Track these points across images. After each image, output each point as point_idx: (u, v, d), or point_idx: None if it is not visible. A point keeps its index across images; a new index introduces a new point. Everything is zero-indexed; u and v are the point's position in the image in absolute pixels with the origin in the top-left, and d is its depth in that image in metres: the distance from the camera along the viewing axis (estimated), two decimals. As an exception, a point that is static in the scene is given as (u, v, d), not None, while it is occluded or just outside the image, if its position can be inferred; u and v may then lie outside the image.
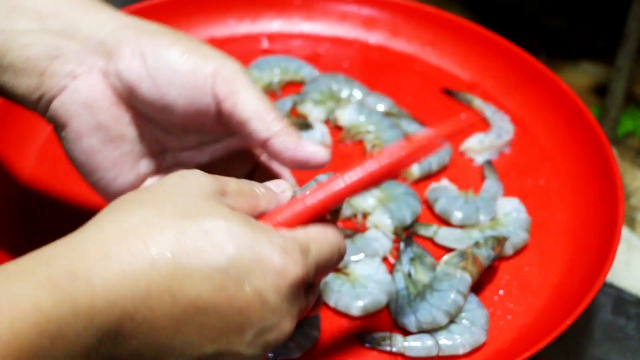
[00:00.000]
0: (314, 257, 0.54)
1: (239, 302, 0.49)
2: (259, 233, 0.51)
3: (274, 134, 0.59)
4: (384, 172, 0.56)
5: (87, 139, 0.62)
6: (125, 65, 0.59)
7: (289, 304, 0.52)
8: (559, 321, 0.71)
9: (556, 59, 1.21)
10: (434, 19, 1.00)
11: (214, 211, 0.50)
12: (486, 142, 0.90)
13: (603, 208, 0.82)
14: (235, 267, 0.49)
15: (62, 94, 0.61)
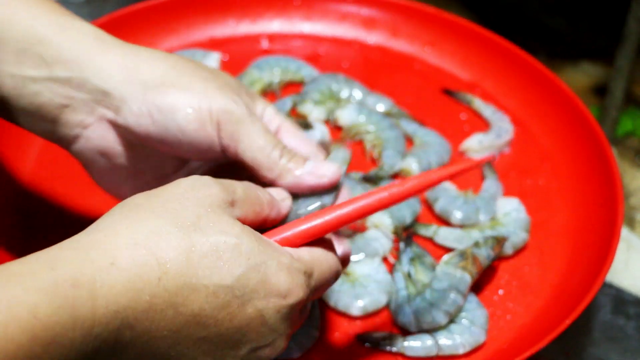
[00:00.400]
0: (316, 280, 0.56)
1: (240, 320, 0.50)
2: (267, 253, 0.52)
3: (276, 177, 0.62)
4: (392, 200, 0.59)
5: (109, 177, 0.65)
6: (134, 122, 0.61)
7: (287, 325, 0.53)
8: (558, 321, 0.71)
9: (556, 59, 1.21)
10: (434, 19, 1.00)
11: (225, 227, 0.51)
12: (486, 142, 0.90)
13: (603, 208, 0.82)
14: (241, 286, 0.50)
15: (77, 142, 0.64)
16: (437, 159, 0.88)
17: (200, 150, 0.62)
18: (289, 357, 0.71)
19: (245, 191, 0.55)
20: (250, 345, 0.52)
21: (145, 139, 0.62)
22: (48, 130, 0.63)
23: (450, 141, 0.90)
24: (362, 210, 0.58)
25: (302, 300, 0.54)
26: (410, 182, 0.59)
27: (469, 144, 0.90)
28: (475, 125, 0.94)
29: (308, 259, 0.55)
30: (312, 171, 0.62)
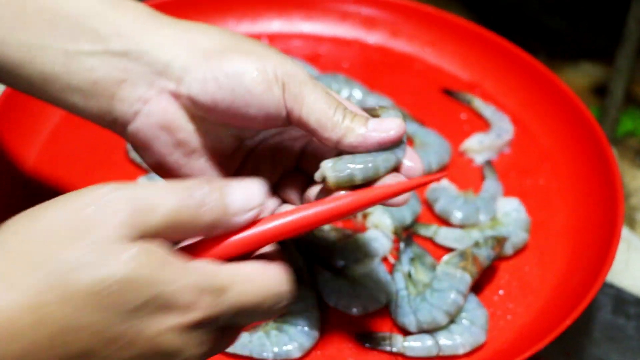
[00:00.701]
0: (233, 300, 0.48)
1: (138, 348, 0.46)
2: (166, 276, 0.46)
3: (340, 137, 0.59)
4: (342, 212, 0.53)
5: (170, 156, 0.62)
6: (198, 90, 0.59)
7: (195, 344, 0.48)
8: (559, 321, 0.71)
9: (556, 59, 1.21)
10: (434, 19, 1.00)
11: (112, 258, 0.45)
12: (486, 142, 0.90)
13: (603, 208, 0.82)
14: (133, 316, 0.45)
15: (136, 119, 0.61)
16: (437, 159, 0.88)
17: (267, 115, 0.59)
18: (288, 357, 0.71)
19: (175, 210, 0.47)
20: None
21: (211, 107, 0.59)
22: (104, 109, 0.60)
23: (450, 141, 0.90)
24: (303, 222, 0.51)
25: (210, 318, 0.47)
26: (356, 195, 0.55)
27: (469, 144, 0.90)
28: (475, 125, 0.94)
29: (226, 274, 0.48)
30: (377, 127, 0.60)
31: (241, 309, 0.49)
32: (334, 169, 0.58)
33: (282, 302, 0.51)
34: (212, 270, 0.48)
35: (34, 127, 0.87)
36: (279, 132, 0.65)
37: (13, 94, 0.86)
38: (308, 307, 0.74)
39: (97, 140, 0.89)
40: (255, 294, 0.49)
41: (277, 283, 0.50)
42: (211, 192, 0.48)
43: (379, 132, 0.59)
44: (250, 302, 0.49)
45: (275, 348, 0.71)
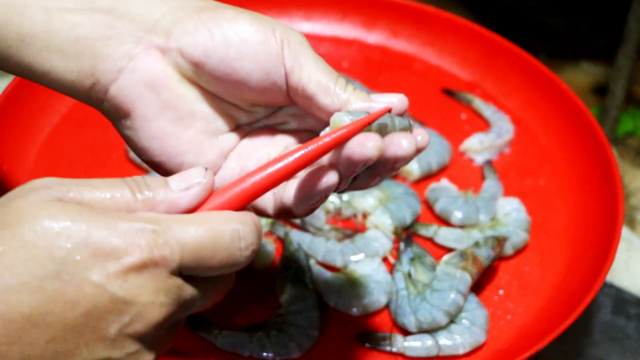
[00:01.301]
0: (177, 238, 0.47)
1: (83, 304, 0.45)
2: (96, 222, 0.45)
3: (343, 103, 0.56)
4: (303, 161, 0.51)
5: (155, 121, 0.57)
6: (189, 41, 0.56)
7: (144, 290, 0.46)
8: (559, 321, 0.71)
9: (556, 59, 1.21)
10: (434, 19, 1.00)
11: (35, 213, 0.45)
12: (486, 142, 0.90)
13: (603, 208, 0.82)
14: (69, 268, 0.45)
15: (120, 77, 0.56)
16: (437, 159, 0.88)
17: (264, 72, 0.56)
18: (289, 357, 0.71)
19: (103, 197, 0.48)
20: (114, 327, 0.46)
21: (202, 60, 0.56)
22: (85, 70, 0.56)
23: (450, 141, 0.90)
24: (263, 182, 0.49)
25: (150, 259, 0.46)
26: (308, 146, 0.51)
27: (469, 144, 0.90)
28: (475, 125, 0.94)
29: (164, 218, 0.47)
30: (379, 99, 0.57)
31: (192, 249, 0.47)
32: (350, 115, 0.53)
33: (245, 241, 0.49)
34: (147, 216, 0.47)
35: (34, 127, 0.87)
36: (273, 114, 0.61)
37: (13, 94, 0.86)
38: (308, 307, 0.74)
39: (97, 140, 0.89)
40: (199, 232, 0.47)
41: (225, 219, 0.48)
42: (153, 179, 0.49)
43: (382, 104, 0.56)
44: (199, 240, 0.47)
45: (275, 348, 0.71)
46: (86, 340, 0.45)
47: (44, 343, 0.45)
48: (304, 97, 0.56)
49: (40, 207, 0.45)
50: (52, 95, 0.89)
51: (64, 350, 0.45)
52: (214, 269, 0.48)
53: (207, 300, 0.50)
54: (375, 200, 0.83)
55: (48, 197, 0.46)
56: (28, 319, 0.44)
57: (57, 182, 0.47)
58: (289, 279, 0.75)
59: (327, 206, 0.83)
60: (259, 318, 0.74)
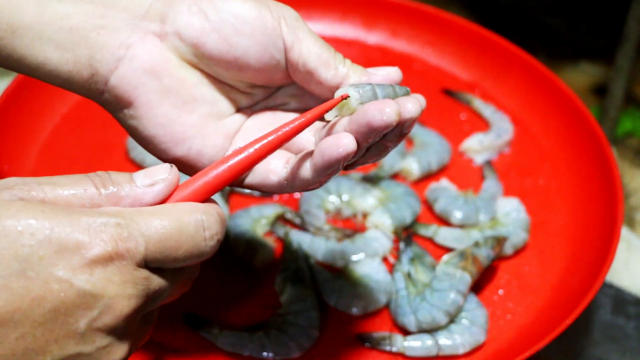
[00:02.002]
0: (141, 230, 0.47)
1: (50, 300, 0.45)
2: (59, 219, 0.45)
3: (343, 78, 0.56)
4: (268, 149, 0.52)
5: (159, 107, 0.57)
6: (184, 23, 0.56)
7: (111, 283, 0.46)
8: (558, 321, 0.71)
9: (556, 59, 1.21)
10: (434, 19, 1.00)
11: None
12: (486, 142, 0.90)
13: (602, 208, 0.82)
14: (33, 265, 0.44)
15: (120, 66, 0.56)
16: (437, 159, 0.88)
17: (264, 53, 0.56)
18: (289, 356, 0.71)
19: (57, 192, 0.48)
20: (83, 321, 0.46)
21: (201, 41, 0.56)
22: (82, 61, 0.56)
23: (450, 141, 0.91)
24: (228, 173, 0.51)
25: (118, 252, 0.46)
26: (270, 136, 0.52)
27: (469, 144, 0.91)
28: (475, 125, 0.94)
29: (127, 212, 0.48)
30: (376, 71, 0.57)
31: (157, 241, 0.47)
32: (356, 88, 0.54)
33: (210, 231, 0.49)
34: (111, 210, 0.48)
35: (34, 127, 0.87)
36: (272, 96, 0.61)
37: (14, 94, 0.86)
38: (308, 307, 0.74)
39: (97, 140, 0.89)
40: (164, 223, 0.48)
41: (188, 210, 0.49)
42: (118, 174, 0.49)
43: (380, 76, 0.57)
44: (163, 232, 0.48)
45: (275, 348, 0.71)
46: (56, 337, 0.45)
47: (14, 341, 0.45)
48: (305, 72, 0.57)
49: (2, 206, 0.45)
50: (52, 95, 0.90)
51: (34, 347, 0.45)
52: (180, 260, 0.49)
53: (175, 290, 0.51)
54: (375, 200, 0.83)
55: (9, 196, 0.46)
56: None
57: (19, 182, 0.47)
58: (289, 279, 0.75)
59: (327, 206, 0.83)
60: (259, 318, 0.74)
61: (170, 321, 0.74)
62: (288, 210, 0.82)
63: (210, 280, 0.77)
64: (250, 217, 0.81)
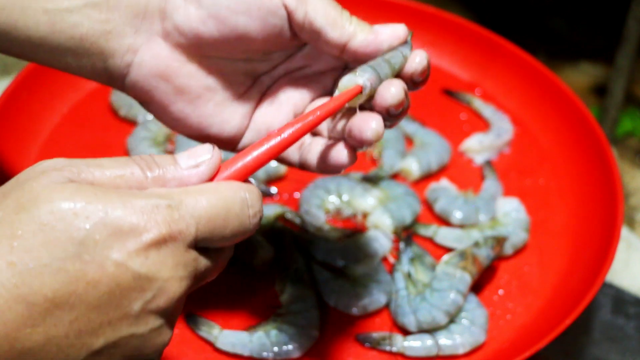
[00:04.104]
0: (190, 211, 0.48)
1: (105, 283, 0.45)
2: (112, 201, 0.46)
3: (350, 36, 0.57)
4: (290, 140, 0.53)
5: (173, 106, 0.60)
6: (182, 16, 0.57)
7: (165, 266, 0.47)
8: (558, 321, 0.71)
9: (556, 59, 1.21)
10: (434, 19, 1.00)
11: (50, 195, 0.45)
12: (486, 142, 0.90)
13: (602, 208, 0.82)
14: (89, 248, 0.45)
15: (130, 72, 0.59)
16: (437, 159, 0.88)
17: (266, 25, 0.57)
18: (289, 357, 0.71)
19: (105, 174, 0.48)
20: (137, 303, 0.46)
21: (201, 30, 0.57)
22: (98, 66, 0.59)
23: (450, 141, 0.91)
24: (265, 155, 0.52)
25: (169, 234, 0.47)
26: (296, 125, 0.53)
27: (469, 144, 0.91)
28: (475, 125, 0.94)
29: (175, 193, 0.48)
30: (382, 29, 0.58)
31: (207, 220, 0.48)
32: (363, 76, 0.56)
33: (253, 208, 0.50)
34: (159, 192, 0.48)
35: (34, 127, 0.87)
36: (290, 58, 0.62)
37: (13, 94, 0.86)
38: (308, 307, 0.74)
39: (97, 140, 0.89)
40: (212, 202, 0.48)
41: (233, 188, 0.50)
42: (163, 157, 0.50)
43: (387, 33, 0.58)
44: (212, 211, 0.48)
45: (275, 348, 0.71)
46: (110, 319, 0.46)
47: (68, 323, 0.45)
48: (311, 32, 0.57)
49: (55, 189, 0.45)
50: (52, 95, 0.90)
51: (87, 329, 0.45)
52: (227, 238, 0.50)
53: (215, 272, 0.52)
54: (375, 200, 0.83)
55: (60, 178, 0.46)
56: (51, 300, 0.44)
57: (67, 163, 0.47)
58: (289, 279, 0.75)
59: (327, 206, 0.83)
60: (259, 318, 0.74)
61: (170, 321, 0.74)
62: (288, 210, 0.82)
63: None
64: (250, 217, 0.81)
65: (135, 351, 0.47)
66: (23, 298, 0.44)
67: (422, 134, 0.91)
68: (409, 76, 0.59)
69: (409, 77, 0.59)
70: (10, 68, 1.01)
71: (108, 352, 0.46)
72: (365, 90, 0.56)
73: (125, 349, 0.47)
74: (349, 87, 0.56)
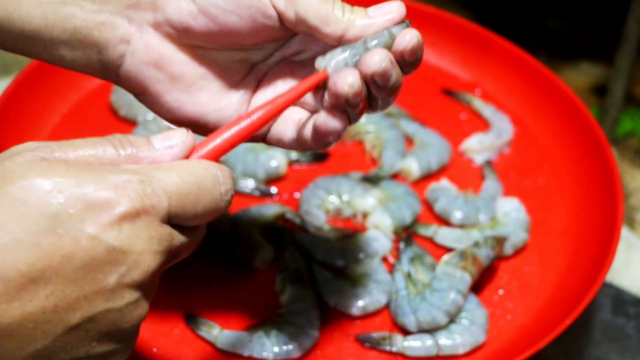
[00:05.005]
0: (163, 185, 0.48)
1: (80, 257, 0.45)
2: (85, 177, 0.46)
3: (343, 31, 0.57)
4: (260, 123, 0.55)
5: (168, 94, 0.60)
6: (173, 9, 0.57)
7: (139, 239, 0.47)
8: (558, 321, 0.71)
9: (556, 59, 1.21)
10: (434, 19, 1.00)
11: (24, 172, 0.45)
12: (486, 142, 0.90)
13: (602, 208, 0.82)
14: (62, 222, 0.45)
15: (124, 62, 0.59)
16: (437, 159, 0.88)
17: (255, 24, 0.57)
18: (289, 357, 0.71)
19: (78, 153, 0.49)
20: (112, 277, 0.46)
21: (191, 24, 0.57)
22: (92, 58, 0.59)
23: (450, 141, 0.91)
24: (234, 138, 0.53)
25: (141, 208, 0.47)
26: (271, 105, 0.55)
27: (469, 144, 0.91)
28: (475, 125, 0.94)
29: (147, 168, 0.49)
30: (377, 13, 0.58)
31: (178, 196, 0.48)
32: (332, 60, 0.57)
33: (225, 186, 0.51)
34: (132, 167, 0.49)
35: (34, 127, 0.87)
36: (284, 45, 0.61)
37: (13, 94, 0.86)
38: (308, 307, 0.74)
39: (97, 140, 0.89)
40: (184, 178, 0.49)
41: (205, 166, 0.50)
42: (137, 137, 0.51)
43: (382, 17, 0.58)
44: (183, 186, 0.49)
45: (275, 348, 0.71)
46: (85, 293, 0.46)
47: (44, 298, 0.45)
48: (306, 29, 0.58)
49: (28, 166, 0.46)
50: (52, 95, 0.90)
51: (63, 304, 0.45)
52: (199, 215, 0.50)
53: (190, 249, 0.52)
54: (375, 200, 0.83)
55: (33, 157, 0.47)
56: (26, 275, 0.44)
57: (40, 145, 0.48)
58: (289, 279, 0.75)
59: (327, 206, 0.83)
60: (259, 318, 0.74)
61: (170, 321, 0.74)
62: (288, 210, 0.82)
63: (210, 280, 0.77)
64: (250, 217, 0.81)
65: (112, 326, 0.47)
66: None
67: (422, 134, 0.91)
68: (399, 54, 0.58)
69: (399, 55, 0.58)
70: (10, 68, 1.01)
71: (85, 327, 0.46)
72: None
73: (103, 324, 0.47)
74: (320, 69, 0.57)
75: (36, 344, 0.45)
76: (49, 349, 0.46)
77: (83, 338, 0.46)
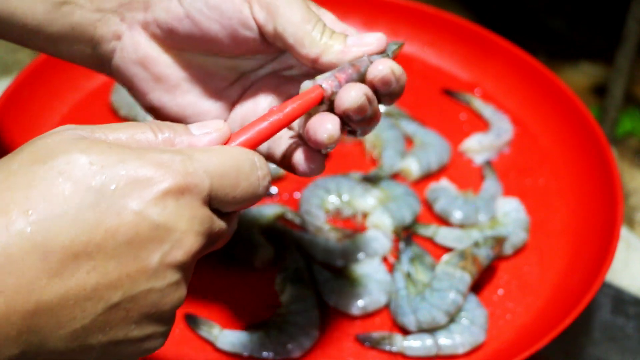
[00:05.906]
0: (204, 166, 0.47)
1: (123, 232, 0.44)
2: (127, 154, 0.46)
3: (318, 55, 0.57)
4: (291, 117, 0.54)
5: (151, 93, 0.61)
6: (162, 10, 0.59)
7: (182, 217, 0.46)
8: (558, 321, 0.71)
9: (556, 59, 1.21)
10: (434, 19, 1.00)
11: (66, 148, 0.45)
12: (486, 142, 0.90)
13: (602, 208, 0.82)
14: (106, 197, 0.44)
15: (114, 56, 0.61)
16: (437, 159, 0.88)
17: (236, 36, 0.58)
18: (289, 356, 0.71)
19: (118, 135, 0.49)
20: (156, 255, 0.45)
21: (175, 27, 0.59)
22: (87, 53, 0.61)
23: (450, 141, 0.91)
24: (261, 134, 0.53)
25: (184, 185, 0.46)
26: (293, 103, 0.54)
27: (468, 144, 0.91)
28: (475, 125, 0.94)
29: (187, 149, 0.49)
30: (356, 42, 0.57)
31: (219, 177, 0.48)
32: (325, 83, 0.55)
33: (262, 170, 0.50)
34: (172, 149, 0.48)
35: (34, 127, 0.87)
36: (277, 59, 0.62)
37: (13, 94, 0.86)
38: (308, 307, 0.74)
39: (98, 140, 0.89)
40: (223, 160, 0.48)
41: (242, 151, 0.50)
42: (174, 123, 0.50)
43: (359, 47, 0.57)
44: (223, 169, 0.48)
45: (276, 348, 0.71)
46: (128, 271, 0.45)
47: (85, 274, 0.44)
48: (283, 45, 0.58)
49: (70, 142, 0.45)
50: (52, 95, 0.90)
51: (105, 281, 0.44)
52: (238, 200, 0.49)
53: (225, 238, 0.51)
54: (375, 200, 0.83)
55: (74, 135, 0.46)
56: (68, 249, 0.43)
57: (80, 127, 0.48)
58: (289, 279, 0.75)
59: (327, 206, 0.83)
60: (259, 318, 0.74)
61: (170, 321, 0.74)
62: (288, 210, 0.82)
63: (210, 280, 0.77)
64: (250, 217, 0.81)
65: (152, 307, 0.46)
66: (39, 247, 0.43)
67: (422, 134, 0.91)
68: (369, 83, 0.57)
69: (370, 85, 0.57)
70: (10, 68, 1.01)
71: (125, 306, 0.45)
72: (326, 93, 0.55)
73: (143, 304, 0.46)
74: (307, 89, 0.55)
75: (75, 323, 0.44)
76: (87, 329, 0.44)
77: (123, 319, 0.45)
